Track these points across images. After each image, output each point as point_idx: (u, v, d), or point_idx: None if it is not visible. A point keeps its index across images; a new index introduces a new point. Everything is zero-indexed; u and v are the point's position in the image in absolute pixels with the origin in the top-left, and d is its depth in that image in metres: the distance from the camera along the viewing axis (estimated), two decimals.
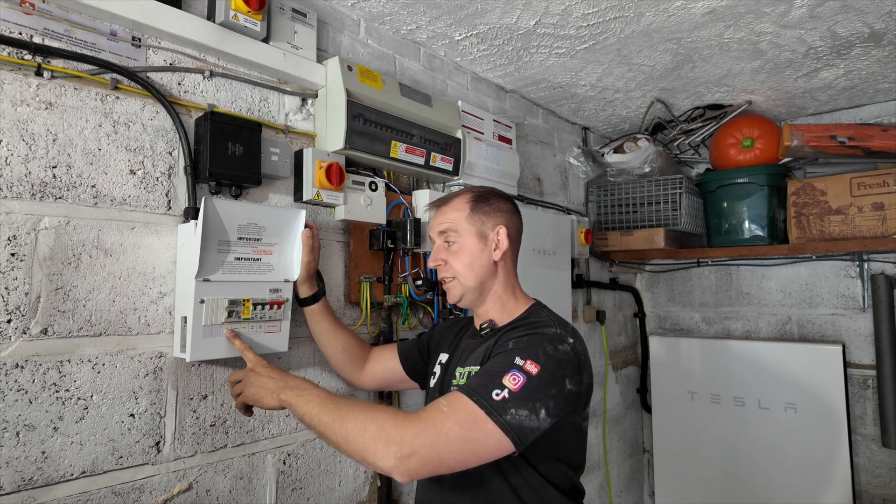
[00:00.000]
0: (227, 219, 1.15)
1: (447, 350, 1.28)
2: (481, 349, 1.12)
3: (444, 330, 1.36)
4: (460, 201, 1.21)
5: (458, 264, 1.17)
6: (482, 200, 1.20)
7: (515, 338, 1.02)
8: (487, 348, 1.09)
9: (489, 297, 1.20)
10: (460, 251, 1.18)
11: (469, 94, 2.03)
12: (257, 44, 1.33)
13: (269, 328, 1.24)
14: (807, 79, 2.12)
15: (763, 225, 2.39)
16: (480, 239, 1.18)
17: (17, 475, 0.97)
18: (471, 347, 1.19)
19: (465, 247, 1.17)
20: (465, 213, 1.19)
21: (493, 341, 1.09)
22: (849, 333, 2.48)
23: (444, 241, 1.20)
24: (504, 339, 1.06)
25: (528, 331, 1.04)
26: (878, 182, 2.16)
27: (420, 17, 1.65)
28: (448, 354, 1.26)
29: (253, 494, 1.31)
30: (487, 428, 0.89)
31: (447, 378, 1.20)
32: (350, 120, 1.42)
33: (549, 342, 1.00)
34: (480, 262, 1.17)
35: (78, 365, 1.06)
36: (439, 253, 1.21)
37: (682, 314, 2.98)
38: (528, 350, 0.97)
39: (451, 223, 1.19)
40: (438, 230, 1.21)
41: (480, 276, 1.17)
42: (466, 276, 1.17)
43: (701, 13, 1.61)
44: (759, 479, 2.44)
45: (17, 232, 1.00)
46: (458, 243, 1.18)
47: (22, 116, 1.01)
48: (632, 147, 2.55)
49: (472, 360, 1.13)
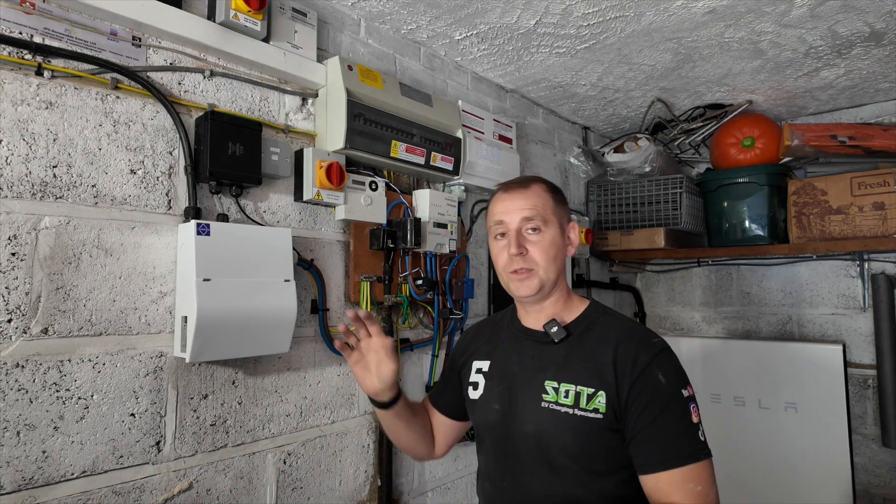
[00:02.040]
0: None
1: (484, 356, 1.17)
2: (581, 370, 1.01)
3: (467, 343, 1.25)
4: (540, 188, 1.09)
5: (544, 256, 1.05)
6: (556, 191, 1.11)
7: (655, 365, 0.97)
8: (600, 367, 1.00)
9: (554, 295, 1.10)
10: (547, 242, 1.05)
11: (469, 93, 2.03)
12: (257, 43, 1.33)
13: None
14: (807, 78, 2.11)
15: (763, 224, 2.39)
16: (562, 232, 1.09)
17: (18, 474, 0.97)
18: (551, 356, 1.06)
19: (552, 238, 1.06)
20: (551, 203, 1.08)
21: (609, 366, 0.99)
22: (849, 333, 2.48)
23: (528, 228, 1.06)
24: (633, 364, 0.97)
25: (650, 348, 0.99)
26: (878, 181, 2.15)
27: (420, 17, 1.65)
28: (489, 361, 1.15)
29: (253, 494, 1.31)
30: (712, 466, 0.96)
31: (520, 391, 1.07)
32: (350, 119, 1.42)
33: (673, 355, 1.01)
34: (561, 256, 1.08)
35: (78, 364, 1.06)
36: (520, 240, 1.05)
37: (683, 314, 2.98)
38: (678, 374, 0.99)
39: (538, 210, 1.06)
40: (523, 215, 1.06)
41: (560, 271, 1.08)
42: (549, 269, 1.05)
43: (701, 12, 1.61)
44: (759, 478, 2.44)
45: (18, 231, 1.00)
46: (545, 233, 1.05)
47: (22, 116, 1.01)
48: (632, 146, 2.55)
49: (570, 377, 1.02)
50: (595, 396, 0.98)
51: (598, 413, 0.97)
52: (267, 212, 1.38)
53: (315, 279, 1.45)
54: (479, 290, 2.00)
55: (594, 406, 0.98)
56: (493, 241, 1.11)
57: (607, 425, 0.97)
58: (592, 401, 0.98)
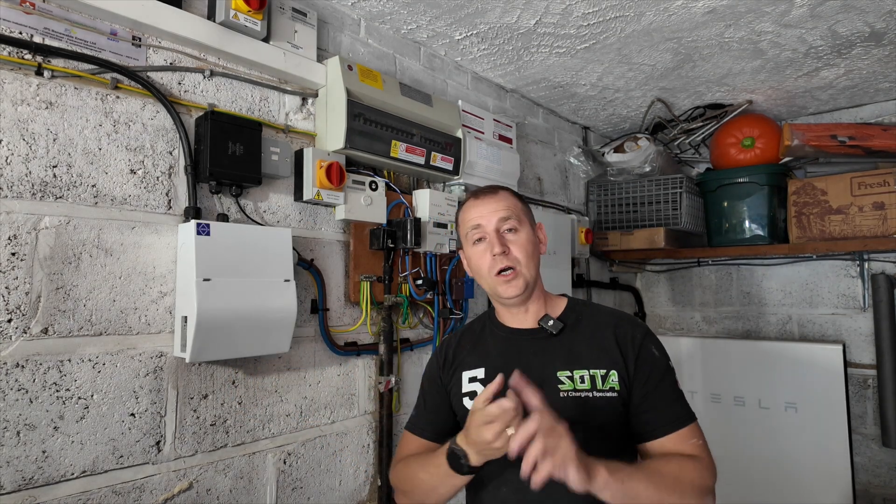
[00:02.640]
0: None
1: (474, 365, 1.13)
2: (588, 354, 1.06)
3: (445, 359, 1.18)
4: (507, 193, 1.13)
5: (523, 254, 1.08)
6: (522, 197, 1.16)
7: (648, 340, 1.07)
8: (605, 349, 1.05)
9: (535, 295, 1.12)
10: (524, 240, 1.09)
11: (469, 93, 2.03)
12: (257, 43, 1.33)
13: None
14: (807, 78, 2.11)
15: (763, 224, 2.39)
16: (534, 231, 1.12)
17: (18, 474, 0.97)
18: (554, 347, 1.08)
19: (527, 236, 1.10)
20: (520, 205, 1.13)
21: (614, 345, 1.05)
22: (849, 333, 2.48)
23: (505, 228, 1.09)
24: (631, 341, 1.06)
25: (639, 327, 1.10)
26: (878, 181, 2.15)
27: (420, 17, 1.65)
28: (482, 368, 1.11)
29: (253, 494, 1.31)
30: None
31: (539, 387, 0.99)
32: (350, 119, 1.42)
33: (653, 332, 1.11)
34: (537, 254, 1.12)
35: (78, 364, 1.06)
36: (502, 240, 1.08)
37: (683, 314, 2.98)
38: (664, 350, 1.09)
39: (512, 210, 1.10)
40: (499, 216, 1.09)
41: (537, 268, 1.12)
42: (529, 266, 1.09)
43: (701, 12, 1.61)
44: (759, 478, 2.44)
45: (18, 231, 1.00)
46: (521, 232, 1.09)
47: (22, 116, 1.01)
48: (632, 146, 2.55)
49: (581, 362, 1.04)
50: (608, 376, 1.04)
51: (613, 392, 1.03)
52: (267, 212, 1.38)
53: (315, 279, 1.45)
54: (479, 290, 2.00)
55: (610, 385, 1.03)
56: (470, 248, 1.11)
57: (621, 402, 1.03)
58: (607, 380, 1.03)
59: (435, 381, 1.18)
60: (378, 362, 1.60)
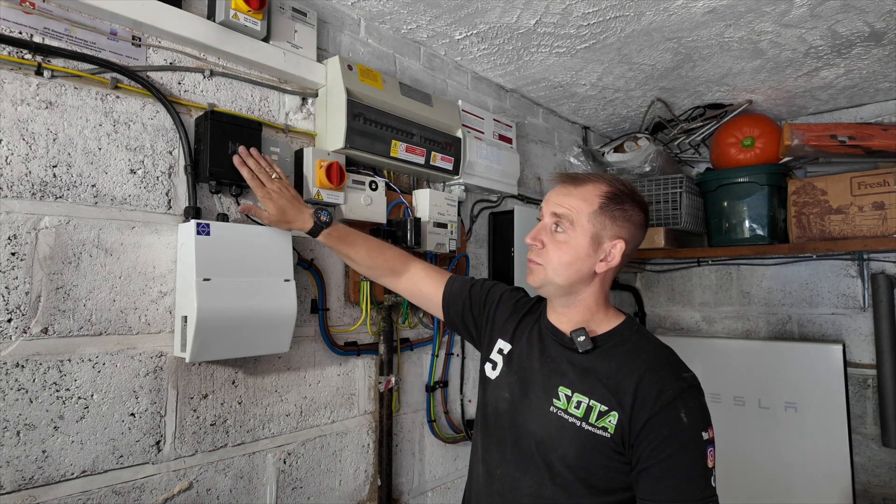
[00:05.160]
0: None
1: (507, 338, 1.15)
2: (599, 385, 0.98)
3: (502, 304, 1.21)
4: (593, 190, 1.03)
5: (555, 257, 1.03)
6: (617, 201, 1.03)
7: (679, 402, 0.92)
8: (617, 390, 0.96)
9: (575, 303, 1.06)
10: (565, 245, 1.02)
11: (469, 93, 2.03)
12: (257, 43, 1.33)
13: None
14: (807, 78, 2.11)
15: (763, 224, 2.39)
16: (593, 243, 1.02)
17: (18, 474, 0.97)
18: (572, 363, 1.04)
19: (573, 243, 1.02)
20: (592, 209, 1.02)
21: (630, 391, 0.95)
22: (849, 333, 2.48)
23: (553, 223, 1.04)
24: (656, 397, 0.93)
25: (679, 382, 0.95)
26: (878, 181, 2.15)
27: (420, 17, 1.65)
28: (510, 345, 1.14)
29: (253, 493, 1.31)
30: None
31: (533, 389, 1.06)
32: (350, 119, 1.42)
33: (700, 393, 0.95)
34: (580, 266, 1.02)
35: (78, 364, 1.06)
36: (541, 233, 1.05)
37: (683, 314, 2.98)
38: (702, 415, 0.93)
39: (570, 211, 1.02)
40: (553, 210, 1.04)
41: (572, 279, 1.03)
42: (558, 272, 1.03)
43: (701, 12, 1.61)
44: (759, 478, 2.44)
45: (18, 231, 1.00)
46: (568, 235, 1.03)
47: (22, 116, 1.01)
48: (632, 146, 2.55)
49: (586, 389, 0.99)
50: (607, 415, 0.96)
51: (605, 431, 0.95)
52: None
53: (315, 279, 1.45)
54: None
55: (603, 424, 0.96)
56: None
57: (613, 446, 0.95)
58: (603, 418, 0.96)
59: (483, 299, 1.24)
60: (378, 362, 1.60)
